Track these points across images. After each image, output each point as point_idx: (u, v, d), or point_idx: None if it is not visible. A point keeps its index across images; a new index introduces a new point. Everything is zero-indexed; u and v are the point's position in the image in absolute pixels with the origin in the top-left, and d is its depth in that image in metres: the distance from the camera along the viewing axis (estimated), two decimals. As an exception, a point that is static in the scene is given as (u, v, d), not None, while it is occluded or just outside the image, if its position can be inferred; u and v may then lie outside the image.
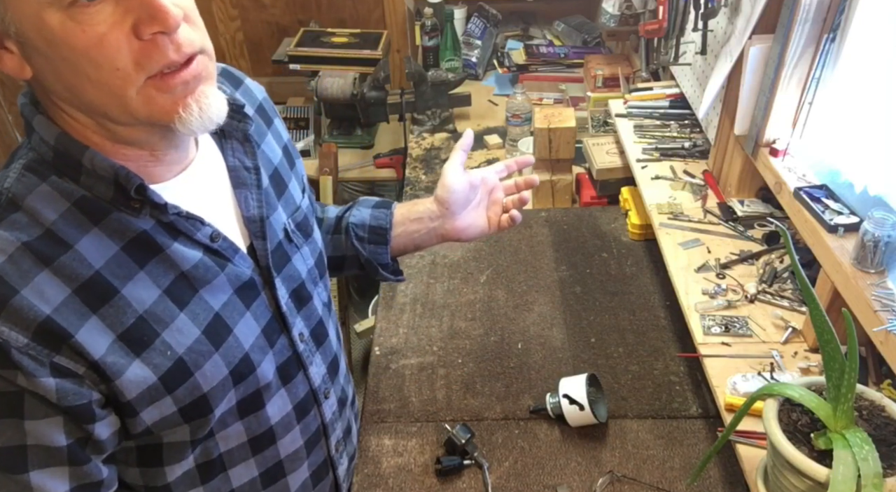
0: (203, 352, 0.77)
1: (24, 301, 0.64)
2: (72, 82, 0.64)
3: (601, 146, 1.91)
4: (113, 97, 0.64)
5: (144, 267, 0.72)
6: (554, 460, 1.23)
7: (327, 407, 0.98)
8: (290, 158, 0.96)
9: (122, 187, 0.70)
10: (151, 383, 0.73)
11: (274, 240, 0.86)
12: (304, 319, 0.92)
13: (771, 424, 0.91)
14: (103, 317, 0.69)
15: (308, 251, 0.94)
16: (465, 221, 1.11)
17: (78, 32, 0.60)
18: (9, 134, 2.84)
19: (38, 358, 0.65)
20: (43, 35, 0.60)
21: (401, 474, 1.22)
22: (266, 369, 0.85)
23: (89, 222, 0.69)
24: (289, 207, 0.91)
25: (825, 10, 1.18)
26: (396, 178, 2.37)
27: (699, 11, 1.46)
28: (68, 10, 0.60)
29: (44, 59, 0.63)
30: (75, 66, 0.62)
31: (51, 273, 0.66)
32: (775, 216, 1.47)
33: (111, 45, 0.61)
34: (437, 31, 2.42)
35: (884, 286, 1.02)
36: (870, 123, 1.11)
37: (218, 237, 0.78)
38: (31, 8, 0.60)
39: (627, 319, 1.50)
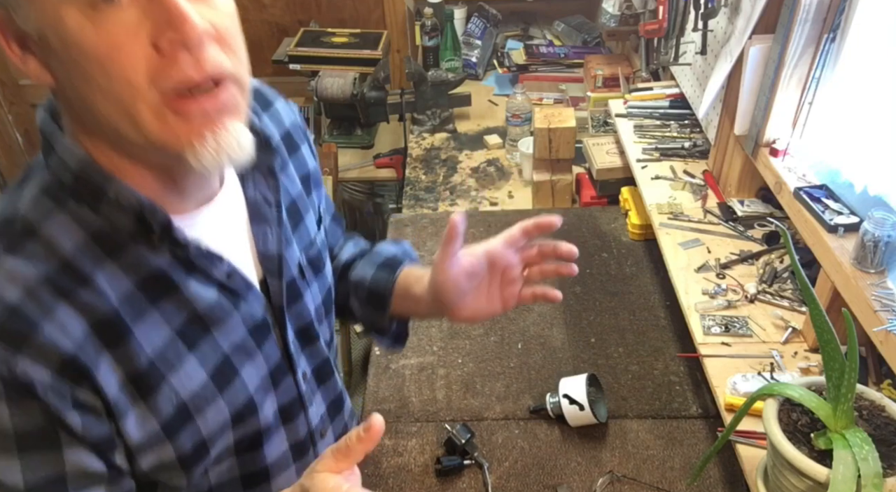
0: (207, 397, 0.73)
1: (48, 337, 0.61)
2: (84, 92, 0.59)
3: (601, 146, 1.91)
4: (124, 113, 0.59)
5: (158, 305, 0.69)
6: (554, 460, 1.23)
7: (323, 447, 0.93)
8: (309, 186, 0.90)
9: (146, 221, 0.66)
10: (152, 430, 0.70)
11: (288, 277, 0.82)
12: (309, 358, 0.88)
13: (771, 424, 0.91)
14: (115, 356, 0.66)
15: (317, 287, 0.89)
16: (468, 310, 0.93)
17: (93, 36, 0.56)
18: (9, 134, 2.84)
19: (62, 394, 0.62)
20: (59, 35, 0.56)
21: (401, 474, 1.22)
22: (267, 411, 0.81)
23: (106, 256, 0.66)
24: (303, 240, 0.87)
25: (825, 10, 1.18)
26: (396, 178, 2.37)
27: (699, 11, 1.46)
28: (87, 9, 0.55)
29: (60, 65, 0.59)
30: (87, 74, 0.58)
31: (70, 306, 0.63)
32: (775, 216, 1.47)
33: (125, 53, 0.56)
34: (437, 31, 2.42)
35: (884, 286, 1.02)
36: (870, 122, 1.11)
37: (234, 274, 0.74)
38: (50, 3, 0.56)
39: (627, 319, 1.50)
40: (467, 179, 2.07)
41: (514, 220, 1.83)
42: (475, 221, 1.82)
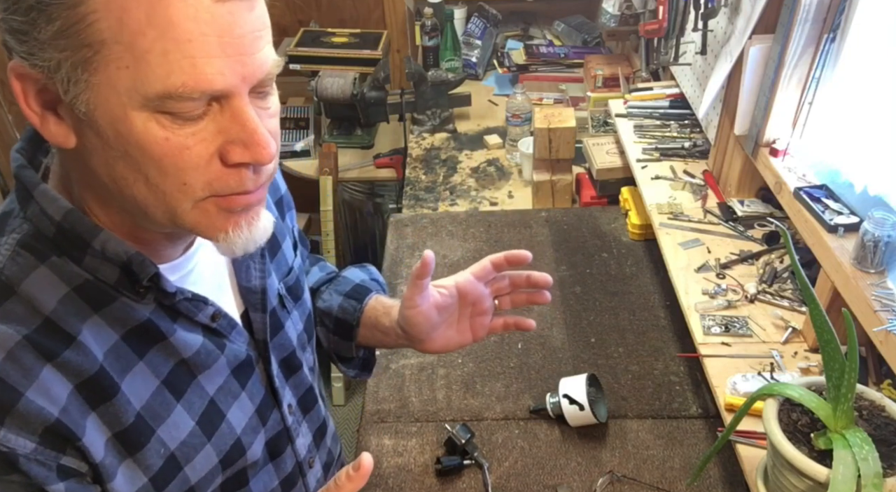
0: (195, 445, 0.72)
1: (32, 404, 0.58)
2: (122, 175, 0.57)
3: (601, 146, 1.91)
4: (164, 205, 0.58)
5: (144, 357, 0.67)
6: (554, 460, 1.23)
7: (311, 477, 0.92)
8: (283, 210, 0.89)
9: (132, 272, 0.64)
10: (141, 485, 0.67)
11: (269, 308, 0.80)
12: (293, 388, 0.86)
13: (771, 424, 0.91)
14: (102, 414, 0.63)
15: (297, 315, 0.87)
16: (438, 342, 0.92)
17: (160, 139, 0.55)
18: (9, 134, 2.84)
19: (45, 463, 0.59)
20: (116, 128, 0.55)
21: (401, 474, 1.22)
22: (255, 450, 0.79)
23: (90, 310, 0.63)
24: (280, 269, 0.85)
25: (825, 10, 1.18)
26: (396, 178, 2.37)
27: (699, 11, 1.46)
28: (163, 119, 0.54)
29: (101, 145, 0.56)
30: (138, 166, 0.56)
31: (54, 368, 0.60)
32: (775, 216, 1.47)
33: (190, 161, 0.56)
34: (437, 31, 2.42)
35: (884, 286, 1.02)
36: (870, 122, 1.10)
37: (219, 316, 0.72)
38: (117, 103, 0.54)
39: (627, 319, 1.50)
40: (467, 179, 2.07)
41: (514, 220, 1.85)
42: (475, 221, 1.82)
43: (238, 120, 0.56)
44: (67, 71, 0.53)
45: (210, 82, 0.54)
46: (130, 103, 0.53)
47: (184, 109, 0.54)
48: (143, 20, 0.51)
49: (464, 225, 1.81)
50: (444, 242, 1.75)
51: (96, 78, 0.53)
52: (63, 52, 0.53)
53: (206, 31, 0.53)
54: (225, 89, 0.55)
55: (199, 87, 0.53)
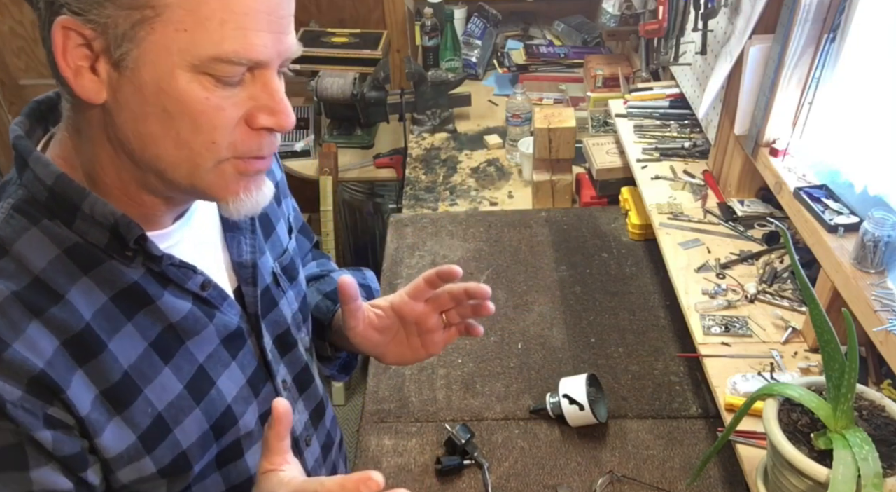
0: (184, 408, 0.73)
1: (17, 355, 0.61)
2: (151, 131, 0.62)
3: (601, 146, 1.91)
4: (188, 163, 0.63)
5: (132, 319, 0.69)
6: (554, 460, 1.23)
7: (309, 454, 0.94)
8: (279, 196, 0.92)
9: (120, 236, 0.67)
10: (130, 442, 0.70)
11: (262, 285, 0.83)
12: (288, 365, 0.88)
13: (771, 424, 0.91)
14: (89, 372, 0.66)
15: (293, 295, 0.90)
16: (392, 358, 0.95)
17: (200, 98, 0.60)
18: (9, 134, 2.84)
19: (32, 411, 0.62)
20: (160, 85, 0.59)
21: (401, 474, 1.22)
22: (248, 420, 0.81)
23: (79, 271, 0.66)
24: (276, 249, 0.88)
25: (825, 10, 1.18)
26: (396, 177, 2.37)
27: (699, 11, 1.46)
28: (205, 80, 0.60)
29: (138, 101, 0.60)
30: (171, 122, 0.61)
31: (41, 324, 0.63)
32: (775, 216, 1.47)
33: (222, 120, 0.62)
34: (437, 31, 2.42)
35: (884, 286, 1.02)
36: (870, 122, 1.11)
37: (208, 285, 0.75)
38: (167, 61, 0.59)
39: (627, 319, 1.50)
40: (467, 179, 2.08)
41: (514, 220, 1.85)
42: (475, 221, 1.82)
43: (267, 89, 0.63)
44: (125, 29, 0.57)
45: (256, 53, 0.60)
46: (180, 63, 0.59)
47: (226, 74, 0.60)
48: None
49: (464, 225, 1.81)
50: (444, 242, 1.75)
51: (152, 37, 0.58)
52: (124, 11, 0.57)
53: (259, 8, 0.59)
54: (265, 60, 0.61)
55: (247, 56, 0.60)
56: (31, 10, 0.63)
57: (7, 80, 2.78)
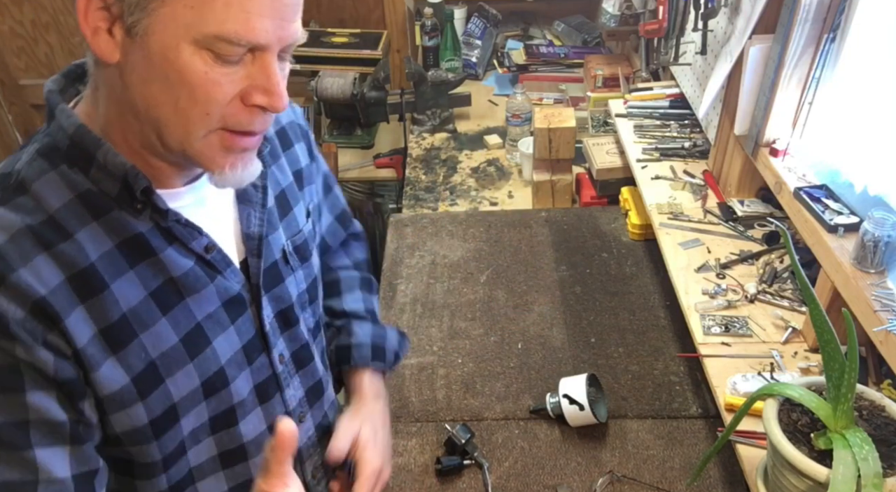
0: (177, 360, 0.76)
1: (22, 279, 0.65)
2: (153, 95, 0.66)
3: (601, 146, 1.91)
4: (182, 128, 0.67)
5: (135, 267, 0.73)
6: (554, 460, 1.23)
7: (303, 432, 0.95)
8: (302, 182, 0.96)
9: (129, 187, 0.71)
10: (124, 383, 0.73)
11: (269, 259, 0.86)
12: (288, 340, 0.90)
13: (771, 424, 0.91)
14: (89, 308, 0.70)
15: (302, 275, 0.93)
16: None
17: (199, 71, 0.64)
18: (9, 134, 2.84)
19: (33, 333, 0.66)
20: (165, 55, 0.64)
21: (401, 474, 1.22)
22: (241, 386, 0.84)
23: (90, 216, 0.71)
24: (290, 229, 0.91)
25: (825, 10, 1.18)
26: (396, 178, 2.37)
27: (699, 11, 1.46)
28: (206, 56, 0.64)
29: (145, 65, 0.65)
30: (172, 90, 0.65)
31: (49, 257, 0.67)
32: (775, 216, 1.47)
33: (218, 94, 0.66)
34: (437, 31, 2.42)
35: (884, 286, 1.02)
36: (870, 122, 1.11)
37: (212, 249, 0.78)
38: (173, 34, 0.63)
39: (627, 319, 1.50)
40: (467, 179, 2.07)
41: (514, 220, 1.85)
42: (475, 221, 1.82)
43: (264, 71, 0.67)
44: (139, 0, 0.62)
45: (256, 36, 0.64)
46: (184, 37, 0.63)
47: (226, 52, 0.64)
48: None
49: (464, 225, 1.81)
50: (444, 242, 1.75)
51: (162, 9, 0.62)
52: None
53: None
54: (264, 44, 0.65)
55: (247, 37, 0.63)
56: (31, 10, 0.65)
57: (7, 80, 2.78)
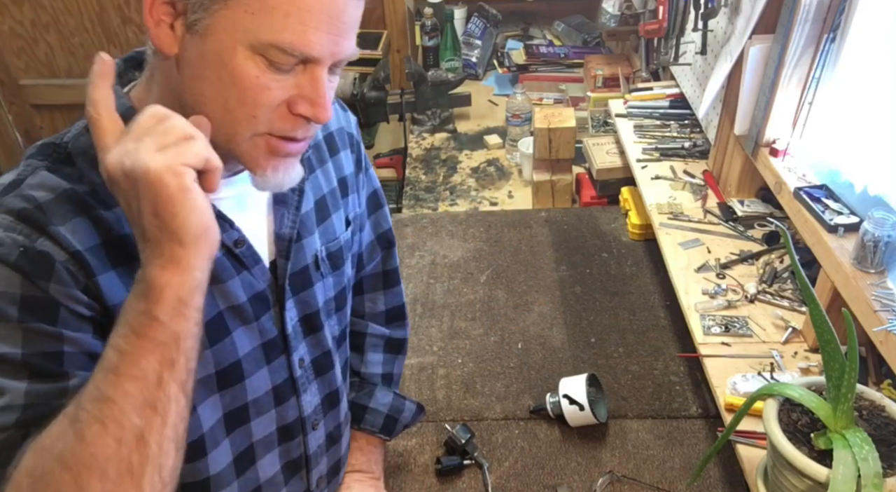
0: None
1: (61, 233, 0.67)
2: (204, 92, 0.68)
3: (601, 146, 1.91)
4: (228, 128, 0.69)
5: None
6: (554, 460, 1.23)
7: (313, 438, 0.96)
8: (346, 190, 0.96)
9: None
10: None
11: (300, 263, 0.86)
12: (310, 346, 0.91)
13: (771, 424, 0.91)
14: (121, 275, 0.71)
15: (332, 283, 0.93)
16: None
17: (251, 75, 0.66)
18: (9, 134, 2.84)
19: (74, 275, 0.68)
20: (221, 55, 0.65)
21: (401, 474, 1.22)
22: (256, 384, 0.84)
23: None
24: (326, 235, 0.91)
25: (825, 10, 1.18)
26: (396, 177, 2.37)
27: (699, 11, 1.46)
28: (260, 61, 0.66)
29: (200, 63, 0.67)
30: (222, 90, 0.67)
31: (88, 220, 0.69)
32: (775, 216, 1.47)
33: (266, 99, 0.67)
34: (437, 31, 2.42)
35: (884, 286, 1.02)
36: (870, 122, 1.11)
37: (242, 243, 0.79)
38: (231, 36, 0.65)
39: (627, 319, 1.50)
40: (467, 179, 2.07)
41: (514, 220, 1.85)
42: (475, 221, 1.82)
43: (313, 83, 0.68)
44: (204, 0, 0.64)
45: (310, 48, 0.66)
46: (241, 40, 0.65)
47: (279, 61, 0.66)
48: None
49: (464, 225, 1.81)
50: (444, 242, 1.75)
51: (224, 12, 0.64)
52: None
53: (322, 10, 0.65)
54: (317, 57, 0.67)
55: (300, 49, 0.65)
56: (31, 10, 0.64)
57: (7, 80, 2.78)
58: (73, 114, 2.81)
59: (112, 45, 2.68)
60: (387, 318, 1.14)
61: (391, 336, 1.14)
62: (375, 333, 1.13)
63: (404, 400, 1.14)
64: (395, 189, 2.39)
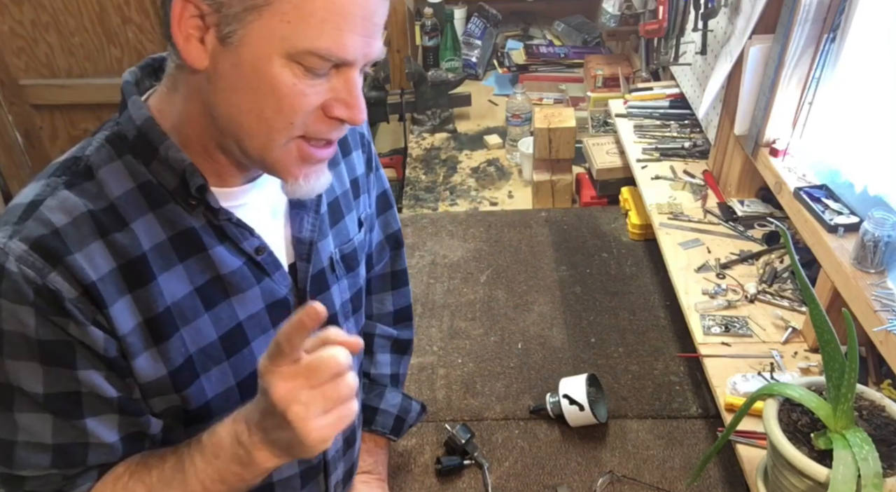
0: (213, 357, 0.77)
1: (77, 263, 0.68)
2: (239, 103, 0.67)
3: (601, 146, 1.91)
4: (264, 136, 0.69)
5: (184, 262, 0.74)
6: (554, 460, 1.23)
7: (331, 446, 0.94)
8: (358, 190, 0.96)
9: (186, 182, 0.72)
10: (161, 375, 0.75)
11: (317, 266, 0.86)
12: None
13: (771, 424, 0.91)
14: (136, 299, 0.72)
15: (346, 285, 0.93)
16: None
17: (288, 83, 0.65)
18: (8, 134, 2.84)
19: (84, 312, 0.68)
20: (256, 65, 0.65)
21: (401, 474, 1.22)
22: None
23: (147, 207, 0.72)
24: (340, 237, 0.91)
25: (825, 10, 1.18)
26: (396, 178, 2.36)
27: (699, 11, 1.46)
28: (297, 69, 0.65)
29: (234, 74, 0.66)
30: (258, 99, 0.66)
31: (104, 245, 0.70)
32: (775, 216, 1.47)
33: (303, 105, 0.67)
34: (437, 31, 2.42)
35: (884, 286, 1.02)
36: (870, 122, 1.11)
37: (263, 250, 0.79)
38: (267, 46, 0.64)
39: (627, 319, 1.50)
40: (467, 179, 2.07)
41: (514, 220, 1.85)
42: (475, 221, 1.82)
43: (348, 85, 0.69)
44: (237, 10, 0.63)
45: (346, 52, 0.66)
46: (277, 49, 0.64)
47: (315, 66, 0.65)
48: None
49: (464, 225, 1.81)
50: (444, 242, 1.75)
51: (259, 22, 0.64)
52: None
53: (356, 13, 0.65)
54: (352, 60, 0.67)
55: (338, 54, 0.65)
56: (31, 10, 0.64)
57: (7, 80, 2.78)
58: (73, 114, 2.80)
59: (112, 45, 2.68)
60: (394, 318, 1.14)
61: (399, 337, 1.14)
62: (384, 334, 1.13)
63: (410, 400, 1.14)
64: (395, 189, 2.39)
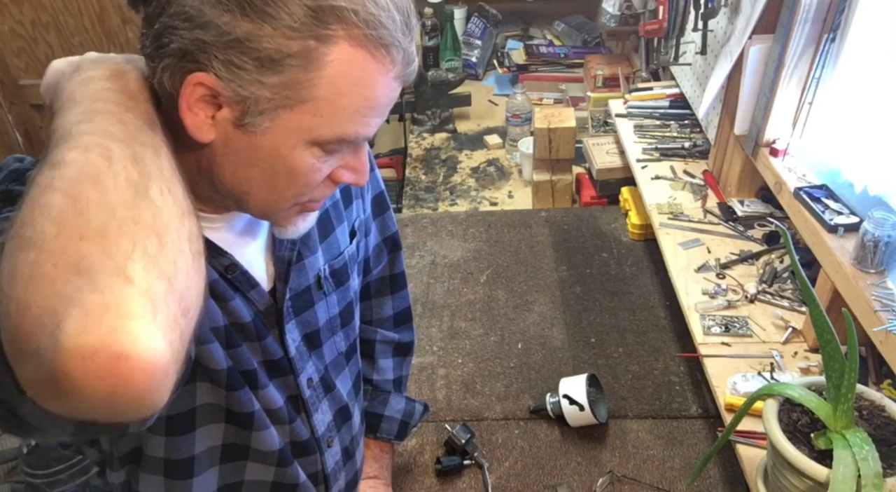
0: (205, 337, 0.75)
1: None
2: (251, 177, 0.66)
3: (601, 146, 1.91)
4: (272, 203, 0.69)
5: None
6: (554, 460, 1.23)
7: (330, 456, 0.95)
8: (350, 197, 0.94)
9: None
10: None
11: (302, 284, 0.85)
12: (316, 364, 0.90)
13: (771, 424, 0.91)
14: None
15: (335, 300, 0.91)
16: None
17: (308, 164, 0.65)
18: (8, 134, 2.84)
19: None
20: (278, 150, 0.64)
21: (401, 474, 1.22)
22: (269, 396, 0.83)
23: None
24: (330, 251, 0.89)
25: (825, 10, 1.18)
26: (396, 178, 2.37)
27: (699, 11, 1.46)
28: (315, 147, 0.65)
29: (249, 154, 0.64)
30: (273, 176, 0.66)
31: None
32: (775, 216, 1.47)
33: (316, 179, 0.68)
34: (437, 31, 2.42)
35: (884, 286, 1.02)
36: (870, 122, 1.10)
37: (234, 269, 0.77)
38: (294, 136, 0.63)
39: (627, 319, 1.50)
40: (467, 179, 2.07)
41: (514, 220, 1.85)
42: (475, 221, 1.82)
43: (357, 154, 0.70)
44: (265, 106, 0.61)
45: (369, 133, 0.67)
46: (303, 138, 0.63)
47: (338, 149, 0.66)
48: (358, 91, 0.62)
49: (464, 225, 1.81)
50: (444, 242, 1.75)
51: (287, 115, 0.62)
52: (273, 93, 0.60)
53: (382, 101, 0.66)
54: (370, 136, 0.68)
55: (362, 136, 0.66)
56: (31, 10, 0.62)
57: (7, 80, 2.78)
58: (73, 114, 2.80)
59: (112, 46, 2.68)
60: (394, 322, 1.14)
61: (400, 340, 1.14)
62: (385, 339, 1.13)
63: (413, 403, 1.14)
64: (395, 189, 2.39)
